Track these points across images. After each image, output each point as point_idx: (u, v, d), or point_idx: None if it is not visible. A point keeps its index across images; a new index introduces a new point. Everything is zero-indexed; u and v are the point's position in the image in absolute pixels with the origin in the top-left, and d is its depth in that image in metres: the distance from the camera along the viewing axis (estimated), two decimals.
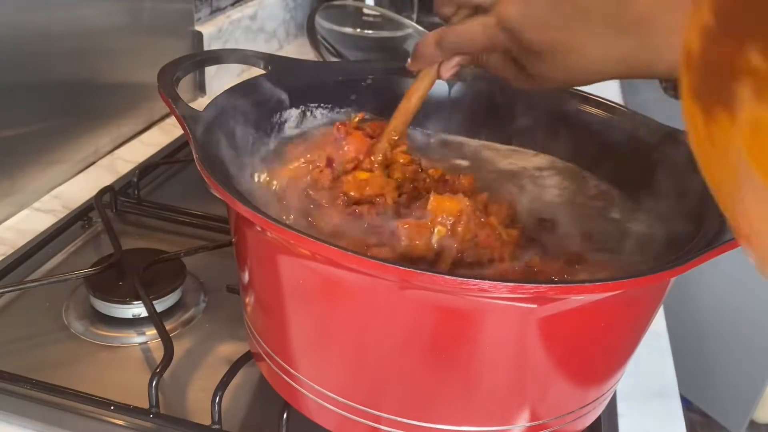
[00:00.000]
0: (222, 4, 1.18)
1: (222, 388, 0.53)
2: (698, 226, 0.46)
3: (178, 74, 0.54)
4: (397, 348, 0.43)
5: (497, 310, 0.39)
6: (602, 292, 0.39)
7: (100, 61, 0.89)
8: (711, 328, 1.83)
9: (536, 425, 0.46)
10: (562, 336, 0.42)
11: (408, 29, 1.32)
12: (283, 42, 1.39)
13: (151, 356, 0.61)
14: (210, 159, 0.46)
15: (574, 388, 0.46)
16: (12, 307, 0.65)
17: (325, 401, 0.47)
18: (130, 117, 0.96)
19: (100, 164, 0.90)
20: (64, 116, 0.84)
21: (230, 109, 0.53)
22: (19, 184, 0.78)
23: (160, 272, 0.66)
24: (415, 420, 0.45)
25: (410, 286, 0.39)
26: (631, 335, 0.47)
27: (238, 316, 0.56)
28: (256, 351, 0.53)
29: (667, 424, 0.60)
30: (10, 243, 0.73)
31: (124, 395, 0.54)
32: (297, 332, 0.47)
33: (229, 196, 0.41)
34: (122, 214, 0.79)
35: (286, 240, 0.41)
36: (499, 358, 0.42)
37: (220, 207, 0.58)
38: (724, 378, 1.84)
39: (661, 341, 0.69)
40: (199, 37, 1.08)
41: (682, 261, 0.40)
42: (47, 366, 0.58)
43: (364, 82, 0.64)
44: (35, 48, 0.78)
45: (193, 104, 0.59)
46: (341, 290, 0.42)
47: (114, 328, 0.63)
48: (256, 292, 0.49)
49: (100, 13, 0.87)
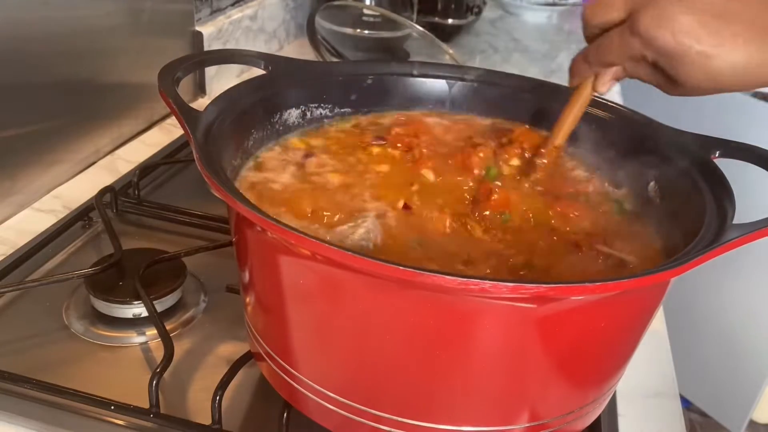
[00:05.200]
0: (222, 5, 1.18)
1: (222, 388, 0.53)
2: (698, 226, 0.46)
3: (179, 74, 0.54)
4: (398, 348, 0.43)
5: (497, 310, 0.39)
6: (602, 292, 0.39)
7: (100, 61, 0.89)
8: (711, 328, 1.83)
9: (536, 425, 0.46)
10: (562, 336, 0.42)
11: (407, 29, 1.32)
12: (283, 42, 1.39)
13: (151, 356, 0.61)
14: (210, 159, 0.46)
15: (574, 388, 0.46)
16: (12, 307, 0.65)
17: (325, 401, 0.47)
18: (131, 117, 0.96)
19: (100, 164, 0.90)
20: (64, 116, 0.84)
21: (230, 110, 0.53)
22: (20, 184, 0.78)
23: (161, 272, 0.66)
24: (415, 420, 0.45)
25: (411, 286, 0.39)
26: (631, 335, 0.47)
27: (238, 316, 0.56)
28: (256, 351, 0.53)
29: (667, 424, 0.60)
30: (11, 243, 0.73)
31: (125, 395, 0.54)
32: (297, 332, 0.47)
33: (229, 196, 0.41)
34: (122, 214, 0.79)
35: (286, 240, 0.41)
36: (499, 358, 0.42)
37: (220, 207, 0.58)
38: (724, 378, 1.84)
39: (661, 341, 0.69)
40: (199, 37, 1.08)
41: (682, 261, 0.40)
42: (47, 366, 0.58)
43: (364, 82, 0.64)
44: (35, 48, 0.78)
45: (193, 104, 0.59)
46: (341, 290, 0.42)
47: (114, 328, 0.63)
48: (257, 292, 0.49)
49: (100, 13, 0.87)
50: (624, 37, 0.49)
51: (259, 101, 0.57)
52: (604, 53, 0.51)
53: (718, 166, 0.51)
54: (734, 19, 0.45)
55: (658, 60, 0.47)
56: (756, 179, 0.59)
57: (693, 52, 0.45)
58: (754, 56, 0.45)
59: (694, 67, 0.46)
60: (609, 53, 0.51)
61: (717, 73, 0.45)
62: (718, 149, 0.53)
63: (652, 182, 0.56)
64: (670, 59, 0.46)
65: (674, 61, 0.46)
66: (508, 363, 0.43)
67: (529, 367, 0.43)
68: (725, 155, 0.53)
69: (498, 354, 0.42)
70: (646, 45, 0.47)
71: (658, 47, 0.46)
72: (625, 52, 0.49)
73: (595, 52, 0.52)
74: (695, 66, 0.46)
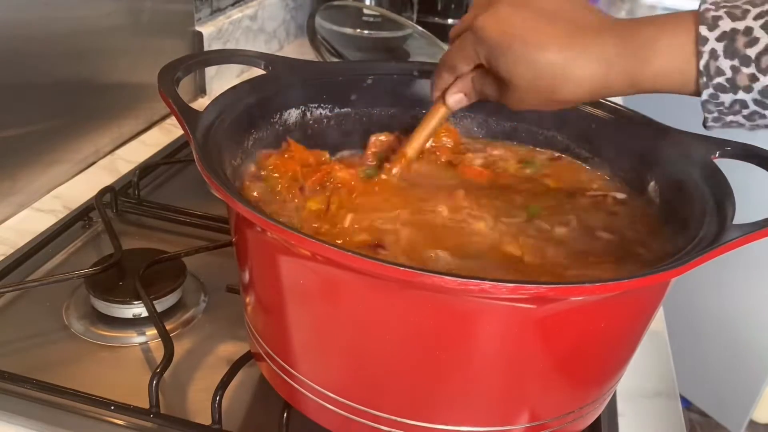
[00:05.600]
0: (222, 5, 1.18)
1: (222, 388, 0.53)
2: (698, 226, 0.46)
3: (179, 74, 0.54)
4: (397, 348, 0.43)
5: (497, 310, 0.39)
6: (602, 293, 0.39)
7: (100, 61, 0.89)
8: (711, 328, 1.83)
9: (536, 425, 0.46)
10: (563, 336, 0.42)
11: (408, 29, 1.32)
12: (283, 42, 1.39)
13: (151, 356, 0.61)
14: (210, 159, 0.46)
15: (574, 388, 0.46)
16: (12, 307, 0.65)
17: (325, 401, 0.47)
18: (131, 117, 0.96)
19: (100, 164, 0.90)
20: (64, 116, 0.84)
21: (230, 110, 0.53)
22: (20, 184, 0.78)
23: (161, 272, 0.66)
24: (415, 420, 0.45)
25: (410, 287, 0.39)
26: (631, 335, 0.47)
27: (238, 316, 0.56)
28: (256, 351, 0.53)
29: (667, 424, 0.60)
30: (11, 243, 0.73)
31: (125, 395, 0.54)
32: (297, 332, 0.47)
33: (229, 196, 0.41)
34: (122, 214, 0.79)
35: (286, 240, 0.41)
36: (498, 359, 0.42)
37: (220, 207, 0.58)
38: (724, 378, 1.84)
39: (661, 341, 0.69)
40: (199, 37, 1.08)
41: (682, 261, 0.40)
42: (47, 366, 0.58)
43: (364, 82, 0.64)
44: (35, 48, 0.78)
45: (193, 104, 0.59)
46: (341, 291, 0.42)
47: (114, 328, 0.63)
48: (257, 292, 0.49)
49: (100, 13, 0.87)
50: (464, 38, 0.52)
51: (259, 101, 0.57)
52: (450, 57, 0.54)
53: (718, 166, 0.51)
54: (558, 19, 0.47)
55: (489, 58, 0.50)
56: (756, 179, 0.59)
57: (516, 45, 0.48)
58: (572, 58, 0.46)
59: (519, 63, 0.48)
60: (452, 57, 0.54)
61: (540, 70, 0.47)
62: (718, 149, 0.53)
63: (652, 182, 0.56)
64: (496, 54, 0.49)
65: (500, 56, 0.49)
66: (507, 363, 0.43)
67: (529, 367, 0.43)
68: (725, 155, 0.53)
69: (498, 354, 0.42)
70: (479, 41, 0.50)
71: (487, 40, 0.49)
72: (465, 52, 0.52)
73: (445, 57, 0.55)
74: (520, 61, 0.48)
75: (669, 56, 0.45)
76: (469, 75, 0.54)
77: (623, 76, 0.46)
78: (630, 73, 0.46)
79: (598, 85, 0.47)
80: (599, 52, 0.46)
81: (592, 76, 0.46)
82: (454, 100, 0.56)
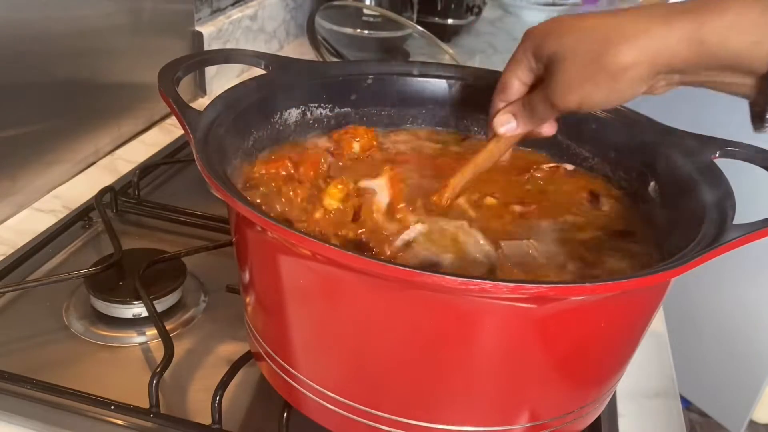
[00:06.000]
0: (222, 5, 1.18)
1: (222, 388, 0.53)
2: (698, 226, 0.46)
3: (179, 74, 0.54)
4: (398, 348, 0.43)
5: (497, 310, 0.39)
6: (602, 293, 0.39)
7: (100, 61, 0.89)
8: (711, 328, 1.83)
9: (536, 425, 0.46)
10: (562, 336, 0.42)
11: (408, 29, 1.32)
12: (283, 42, 1.39)
13: (151, 356, 0.61)
14: (210, 159, 0.46)
15: (574, 388, 0.46)
16: (12, 307, 0.65)
17: (325, 401, 0.47)
18: (131, 117, 0.96)
19: (100, 164, 0.90)
20: (64, 116, 0.84)
21: (230, 110, 0.53)
22: (20, 184, 0.78)
23: (161, 272, 0.66)
24: (415, 420, 0.45)
25: (411, 286, 0.39)
26: (631, 335, 0.47)
27: (238, 316, 0.56)
28: (256, 351, 0.53)
29: (667, 424, 0.60)
30: (11, 243, 0.73)
31: (125, 395, 0.54)
32: (297, 332, 0.47)
33: (229, 196, 0.41)
34: (122, 214, 0.79)
35: (286, 240, 0.41)
36: (499, 358, 0.42)
37: (220, 207, 0.58)
38: (724, 378, 1.84)
39: (661, 341, 0.69)
40: (199, 37, 1.08)
41: (682, 261, 0.40)
42: (47, 366, 0.58)
43: (364, 82, 0.64)
44: (35, 48, 0.78)
45: (193, 104, 0.59)
46: (341, 290, 0.42)
47: (114, 328, 0.63)
48: (257, 292, 0.49)
49: (100, 13, 0.87)
50: (512, 56, 0.52)
51: (259, 101, 0.57)
52: (501, 79, 0.53)
53: (718, 166, 0.51)
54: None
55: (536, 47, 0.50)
56: (756, 179, 0.59)
57: (565, 19, 0.48)
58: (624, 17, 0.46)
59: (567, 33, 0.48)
60: (503, 77, 0.53)
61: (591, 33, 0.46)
62: (718, 149, 0.53)
63: (652, 182, 0.56)
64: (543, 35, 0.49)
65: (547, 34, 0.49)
66: (507, 363, 0.43)
67: (529, 367, 0.43)
68: (725, 155, 0.53)
69: (498, 354, 0.42)
70: (526, 39, 0.51)
71: (533, 32, 0.50)
72: (513, 64, 0.52)
73: (496, 86, 0.54)
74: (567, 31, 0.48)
75: (743, 6, 0.42)
76: (519, 99, 0.52)
77: (686, 32, 0.43)
78: (695, 28, 0.42)
79: (656, 46, 0.43)
80: (655, 10, 0.44)
81: (648, 31, 0.43)
82: (499, 122, 0.53)
